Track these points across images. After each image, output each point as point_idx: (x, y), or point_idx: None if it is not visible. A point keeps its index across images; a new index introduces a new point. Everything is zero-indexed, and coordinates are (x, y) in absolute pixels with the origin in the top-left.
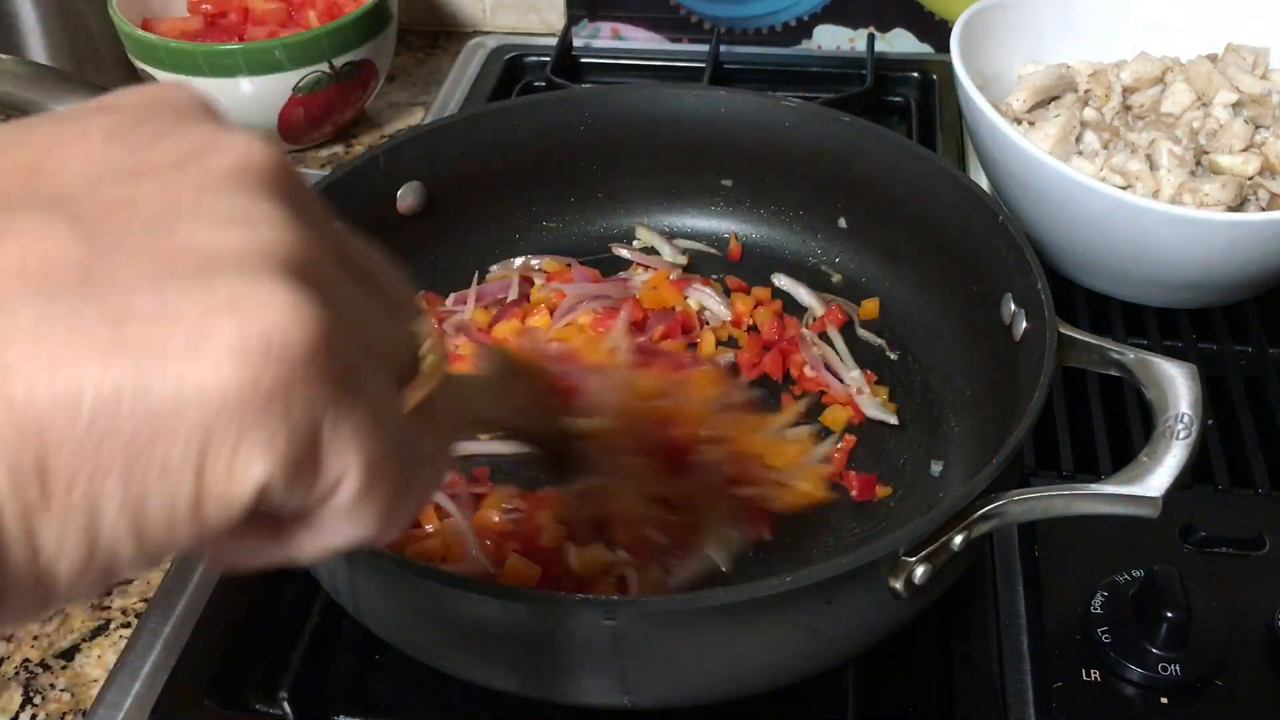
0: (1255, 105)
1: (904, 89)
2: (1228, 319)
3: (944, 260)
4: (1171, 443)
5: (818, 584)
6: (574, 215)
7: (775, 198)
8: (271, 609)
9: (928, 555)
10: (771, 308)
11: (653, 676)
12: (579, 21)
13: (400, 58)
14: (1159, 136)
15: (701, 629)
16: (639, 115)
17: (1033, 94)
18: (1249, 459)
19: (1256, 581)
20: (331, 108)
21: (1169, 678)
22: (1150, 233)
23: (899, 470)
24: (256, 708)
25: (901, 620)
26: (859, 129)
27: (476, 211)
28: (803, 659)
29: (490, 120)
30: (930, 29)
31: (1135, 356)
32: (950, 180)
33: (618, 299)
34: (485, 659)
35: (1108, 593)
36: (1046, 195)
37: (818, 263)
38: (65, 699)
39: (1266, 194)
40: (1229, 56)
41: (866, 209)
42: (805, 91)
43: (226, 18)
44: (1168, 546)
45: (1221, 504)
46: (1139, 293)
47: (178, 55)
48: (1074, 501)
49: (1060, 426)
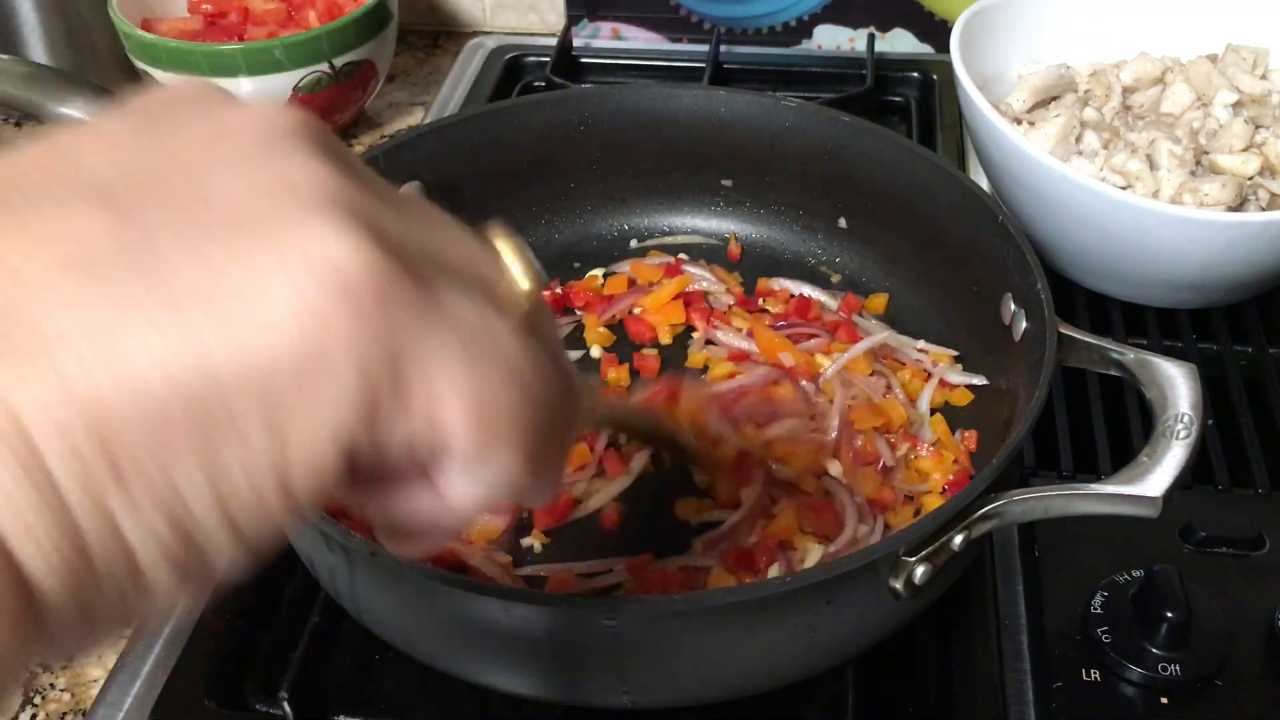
0: (1255, 105)
1: (904, 89)
2: (1228, 319)
3: (944, 260)
4: (1171, 443)
5: (818, 584)
6: (574, 215)
7: (775, 198)
8: (271, 609)
9: (928, 555)
10: (780, 295)
11: (653, 676)
12: (579, 21)
13: (400, 58)
14: (1159, 136)
15: (701, 629)
16: (639, 115)
17: (1033, 94)
18: (1249, 459)
19: (1256, 581)
20: (331, 108)
21: (1169, 678)
22: (1150, 233)
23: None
24: (256, 708)
25: (901, 620)
26: (859, 129)
27: (476, 211)
28: (803, 659)
29: (490, 120)
30: (930, 29)
31: (1135, 356)
32: (950, 180)
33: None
34: (485, 659)
35: (1108, 593)
36: (1046, 195)
37: (818, 263)
38: (65, 699)
39: (1266, 194)
40: (1229, 56)
41: (866, 209)
42: (805, 91)
43: (226, 18)
44: (1168, 546)
45: (1221, 504)
46: (1139, 293)
47: (178, 55)
48: (1074, 501)
49: (1060, 426)
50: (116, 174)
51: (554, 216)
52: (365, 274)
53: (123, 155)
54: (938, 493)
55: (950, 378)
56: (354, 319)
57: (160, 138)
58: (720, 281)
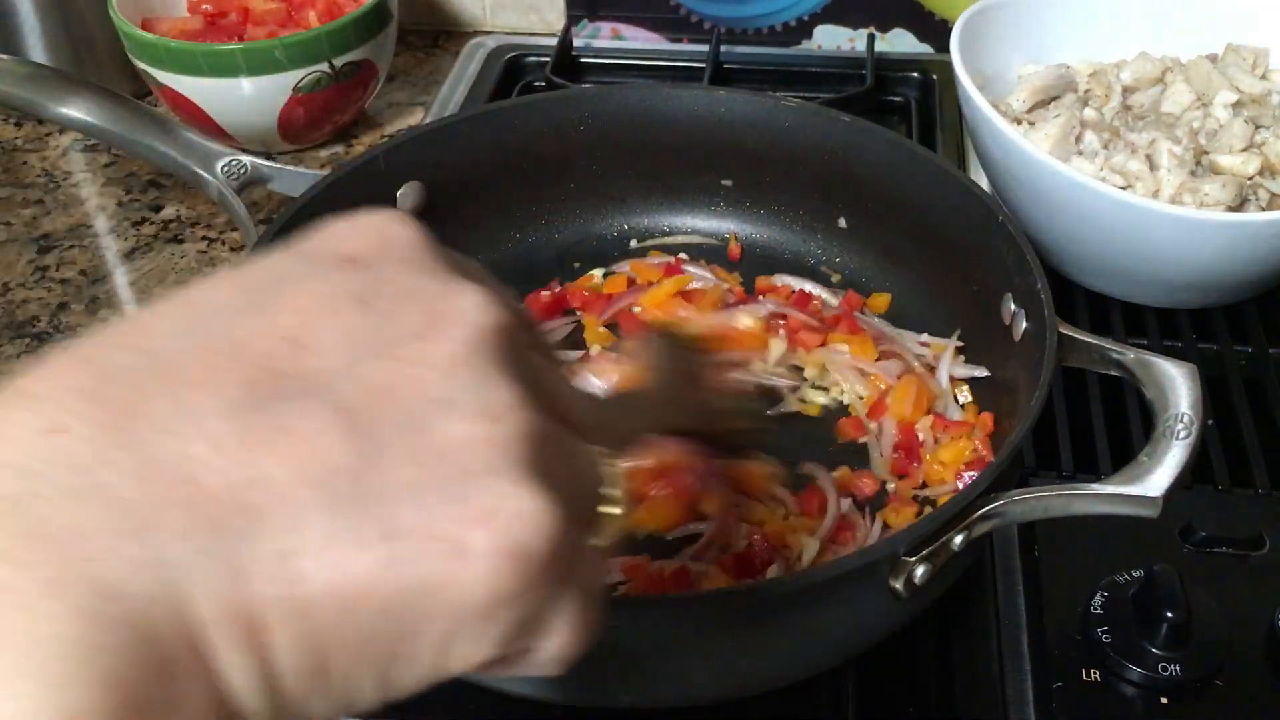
0: (1255, 105)
1: (904, 89)
2: (1228, 319)
3: (944, 260)
4: (1171, 443)
5: (818, 584)
6: (574, 215)
7: (775, 198)
8: None
9: (928, 555)
10: (781, 292)
11: (653, 676)
12: (579, 21)
13: (400, 58)
14: (1159, 136)
15: (701, 629)
16: (639, 115)
17: (1033, 94)
18: (1249, 459)
19: (1256, 581)
20: (331, 108)
21: (1169, 678)
22: (1150, 233)
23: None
24: None
25: (901, 620)
26: (859, 129)
27: (476, 211)
28: (803, 659)
29: (490, 120)
30: (930, 29)
31: (1135, 356)
32: (950, 180)
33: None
34: None
35: (1108, 593)
36: (1046, 195)
37: (817, 263)
38: None
39: (1266, 194)
40: (1229, 56)
41: (866, 209)
42: (805, 91)
43: (226, 18)
44: (1168, 546)
45: (1221, 504)
46: (1139, 293)
47: (178, 55)
48: (1074, 501)
49: (1060, 426)
50: (346, 365)
51: (554, 216)
52: (545, 551)
53: (351, 335)
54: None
55: (954, 371)
56: (525, 580)
57: (383, 319)
58: (720, 281)
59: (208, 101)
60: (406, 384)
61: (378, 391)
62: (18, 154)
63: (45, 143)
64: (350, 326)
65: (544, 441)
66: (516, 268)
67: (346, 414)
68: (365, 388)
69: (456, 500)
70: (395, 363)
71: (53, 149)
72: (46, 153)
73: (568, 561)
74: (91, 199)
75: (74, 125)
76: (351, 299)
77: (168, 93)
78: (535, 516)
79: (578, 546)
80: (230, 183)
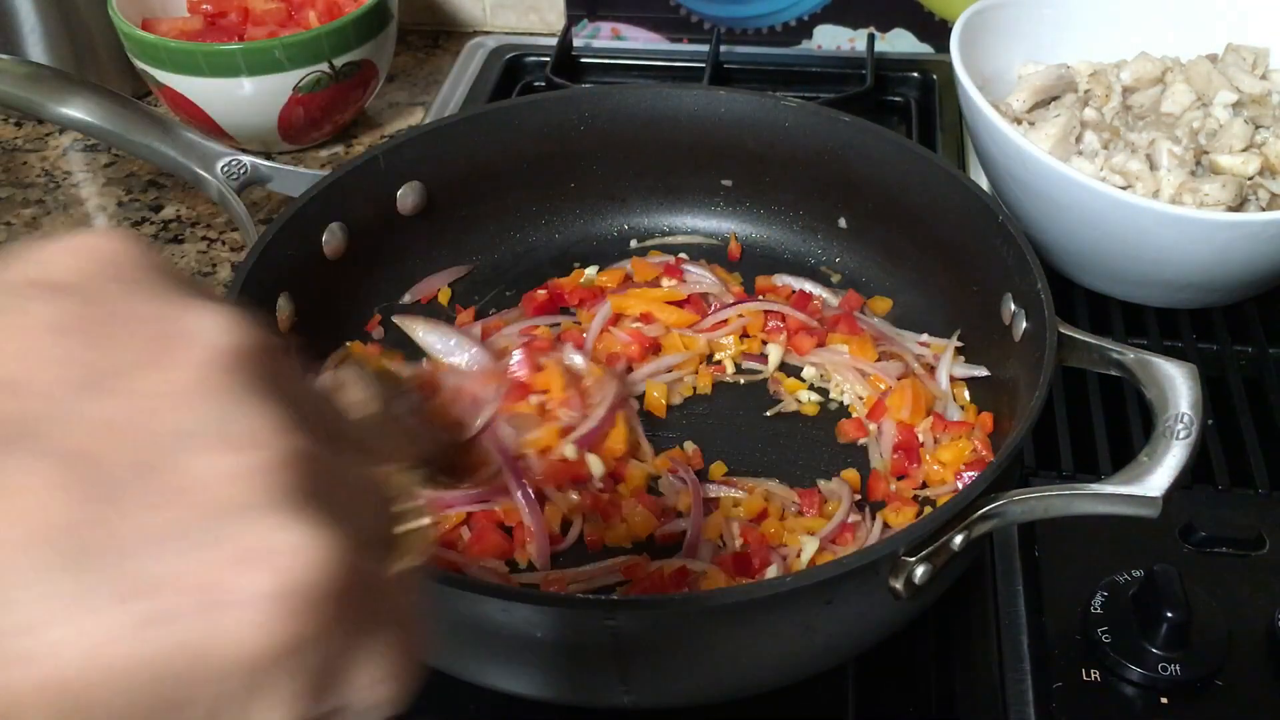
0: (1255, 105)
1: (904, 89)
2: (1228, 319)
3: (944, 260)
4: (1171, 443)
5: (818, 584)
6: (574, 215)
7: (775, 198)
8: None
9: (928, 555)
10: (781, 291)
11: (653, 676)
12: (579, 21)
13: (400, 58)
14: (1159, 136)
15: (701, 629)
16: (639, 115)
17: (1033, 94)
18: (1249, 459)
19: (1256, 581)
20: (331, 108)
21: (1169, 678)
22: (1150, 233)
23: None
24: None
25: (901, 620)
26: (859, 129)
27: (476, 211)
28: (803, 659)
29: (490, 120)
30: (930, 29)
31: (1135, 356)
32: (950, 180)
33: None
34: (486, 659)
35: (1108, 593)
36: (1046, 195)
37: (818, 263)
38: None
39: (1266, 194)
40: (1229, 56)
41: (866, 209)
42: (805, 91)
43: (226, 18)
44: (1168, 546)
45: (1221, 504)
46: (1139, 293)
47: (178, 55)
48: (1074, 501)
49: (1060, 426)
50: (58, 404)
51: (554, 216)
52: (320, 580)
53: (56, 369)
54: (953, 480)
55: (954, 371)
56: (307, 624)
57: (94, 344)
58: (720, 281)
59: (208, 101)
60: (137, 418)
61: (104, 430)
62: (18, 154)
63: (45, 143)
64: (65, 360)
65: (313, 466)
66: (516, 268)
67: (69, 460)
68: (89, 427)
69: (208, 544)
70: (122, 396)
71: (53, 149)
72: (46, 153)
73: (363, 595)
74: (91, 199)
75: (74, 125)
76: (61, 330)
77: (168, 93)
78: (309, 550)
79: (374, 576)
80: (230, 183)
